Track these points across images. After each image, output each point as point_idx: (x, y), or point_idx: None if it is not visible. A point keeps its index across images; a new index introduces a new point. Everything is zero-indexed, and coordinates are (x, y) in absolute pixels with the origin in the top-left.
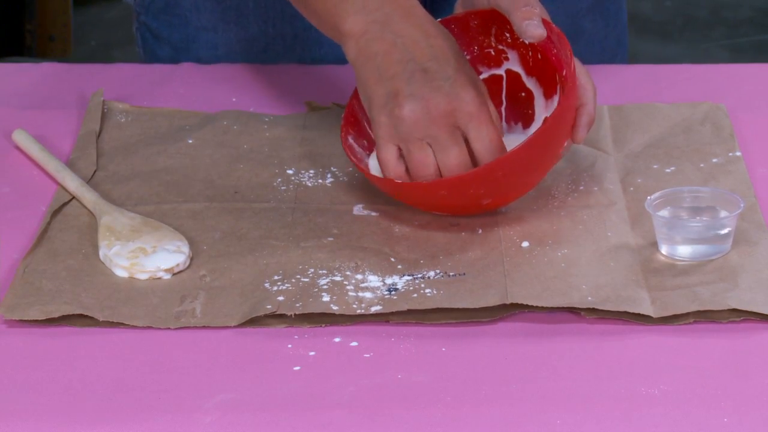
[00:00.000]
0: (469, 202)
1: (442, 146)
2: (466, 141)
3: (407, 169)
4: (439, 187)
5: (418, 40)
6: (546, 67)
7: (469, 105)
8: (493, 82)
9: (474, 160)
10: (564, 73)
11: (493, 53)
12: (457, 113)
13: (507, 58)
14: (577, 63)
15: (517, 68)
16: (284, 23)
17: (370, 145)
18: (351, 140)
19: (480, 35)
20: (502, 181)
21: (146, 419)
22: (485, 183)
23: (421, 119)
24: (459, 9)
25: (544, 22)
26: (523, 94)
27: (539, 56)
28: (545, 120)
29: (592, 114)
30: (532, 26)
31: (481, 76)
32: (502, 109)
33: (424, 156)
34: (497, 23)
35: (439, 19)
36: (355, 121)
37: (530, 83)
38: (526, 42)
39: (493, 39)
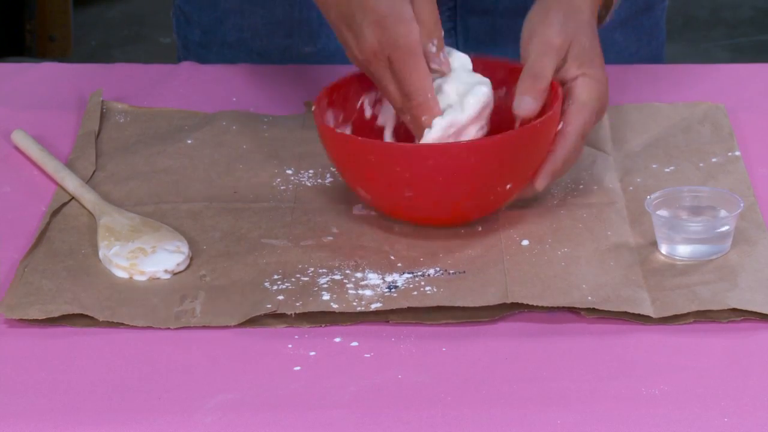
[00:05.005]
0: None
1: (381, 85)
2: None
3: None
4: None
5: None
6: None
7: (399, 39)
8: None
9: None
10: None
11: None
12: (386, 49)
13: None
14: (573, 112)
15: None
16: (310, 8)
17: (346, 116)
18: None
19: None
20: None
21: (146, 419)
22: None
23: (358, 58)
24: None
25: (552, 85)
26: None
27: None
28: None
29: (559, 165)
30: (525, 102)
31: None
32: None
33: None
34: None
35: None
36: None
37: None
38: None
39: None
